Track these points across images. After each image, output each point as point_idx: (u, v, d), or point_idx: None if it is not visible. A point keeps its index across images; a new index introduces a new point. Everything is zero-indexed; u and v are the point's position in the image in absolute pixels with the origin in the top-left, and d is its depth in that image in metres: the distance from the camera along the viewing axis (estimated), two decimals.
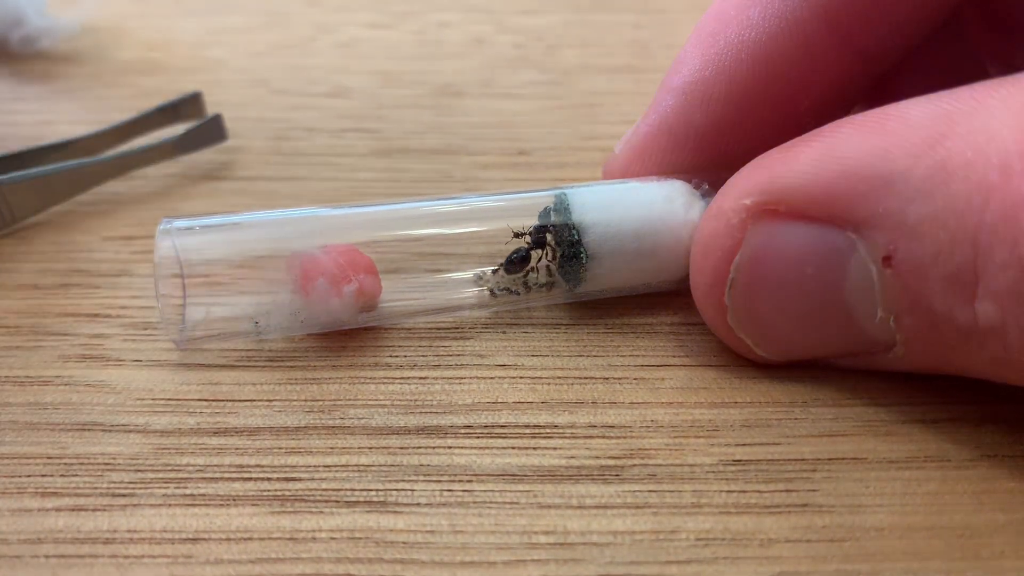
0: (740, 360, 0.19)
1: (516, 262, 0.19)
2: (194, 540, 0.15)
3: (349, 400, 0.18)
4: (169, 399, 0.18)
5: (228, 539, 0.15)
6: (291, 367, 0.19)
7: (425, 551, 0.15)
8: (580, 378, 0.18)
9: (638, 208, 0.19)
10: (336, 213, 0.20)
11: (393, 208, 0.20)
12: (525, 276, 0.20)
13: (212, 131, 0.26)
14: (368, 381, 0.18)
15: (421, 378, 0.18)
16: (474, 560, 0.15)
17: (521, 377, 0.18)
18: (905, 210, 0.15)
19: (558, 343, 0.19)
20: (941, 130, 0.15)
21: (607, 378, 0.18)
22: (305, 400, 0.18)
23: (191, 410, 0.18)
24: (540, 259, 0.19)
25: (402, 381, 0.18)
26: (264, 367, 0.19)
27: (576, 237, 0.19)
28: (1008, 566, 0.15)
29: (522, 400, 0.18)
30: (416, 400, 0.18)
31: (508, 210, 0.20)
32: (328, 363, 0.19)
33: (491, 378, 0.18)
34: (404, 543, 0.15)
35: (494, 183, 0.25)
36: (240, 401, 0.18)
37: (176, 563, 0.15)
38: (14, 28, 0.16)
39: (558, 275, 0.20)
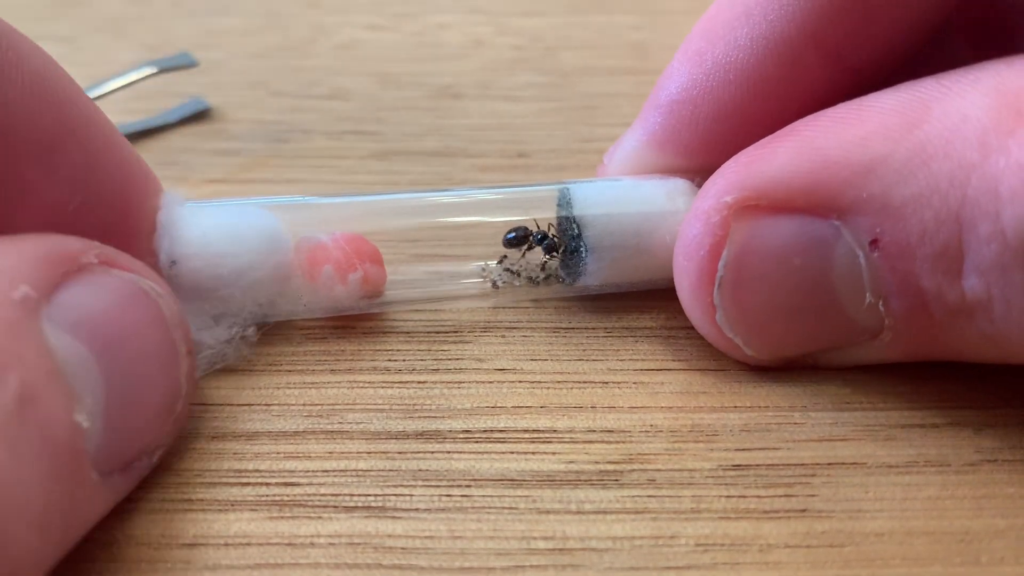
0: (739, 365, 0.19)
1: (514, 241, 0.20)
2: (192, 545, 0.15)
3: (347, 404, 0.18)
4: None
5: (226, 544, 0.15)
6: (289, 371, 0.18)
7: (424, 556, 0.15)
8: (579, 382, 0.18)
9: (640, 205, 0.19)
10: (344, 201, 0.20)
11: (398, 198, 0.20)
12: (523, 260, 0.20)
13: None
14: (367, 385, 0.18)
15: (420, 382, 0.18)
16: (473, 566, 0.15)
17: (520, 381, 0.18)
18: (889, 193, 0.15)
19: (557, 347, 0.19)
20: (916, 115, 0.15)
21: (606, 382, 0.18)
22: (303, 404, 0.18)
23: (189, 414, 0.17)
24: (541, 242, 0.20)
25: (401, 385, 0.18)
26: (262, 371, 0.18)
27: (577, 231, 0.19)
28: (1008, 571, 0.15)
29: (521, 404, 0.18)
30: (415, 404, 0.18)
31: (512, 202, 0.20)
32: (327, 367, 0.19)
33: (490, 382, 0.18)
34: (403, 548, 0.15)
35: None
36: (238, 405, 0.18)
37: (174, 569, 0.15)
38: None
39: (559, 268, 0.20)
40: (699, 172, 0.20)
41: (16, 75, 0.15)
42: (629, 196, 0.19)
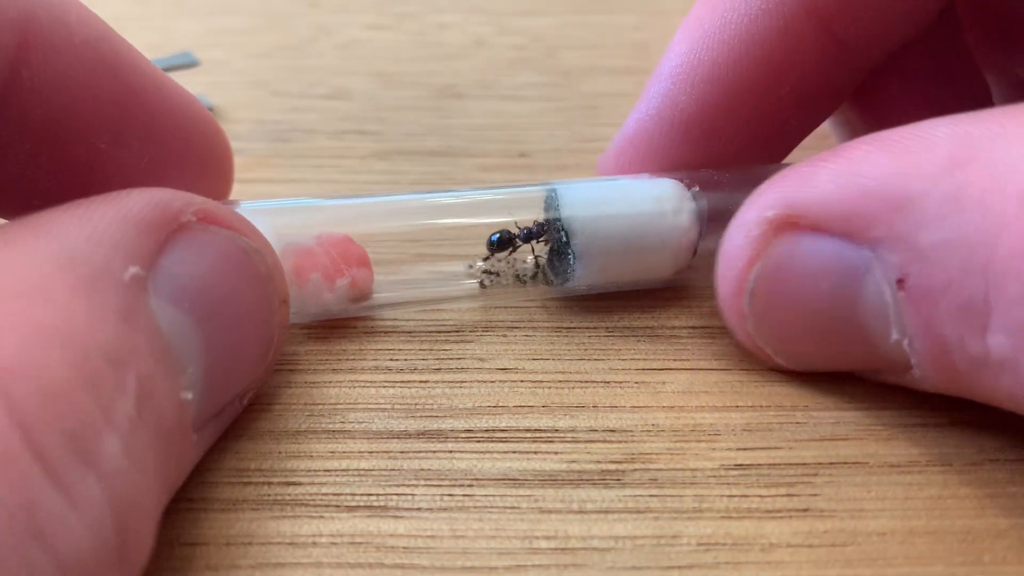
0: (742, 364, 0.19)
1: (497, 245, 0.19)
2: (193, 544, 0.15)
3: (349, 404, 0.18)
4: None
5: (228, 544, 0.15)
6: (291, 371, 0.18)
7: (426, 556, 0.15)
8: (581, 382, 0.18)
9: (627, 209, 0.19)
10: (331, 204, 0.20)
11: (385, 200, 0.20)
12: (510, 258, 0.20)
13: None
14: (368, 385, 0.18)
15: (422, 382, 0.18)
16: (475, 565, 0.15)
17: (522, 381, 0.18)
18: (917, 234, 0.15)
19: (559, 346, 0.19)
20: (962, 155, 0.14)
21: (608, 382, 0.18)
22: (305, 404, 0.18)
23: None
24: (528, 239, 0.20)
25: (403, 385, 0.18)
26: None
27: (564, 239, 0.19)
28: (1010, 571, 0.15)
29: (523, 404, 0.18)
30: (417, 404, 0.18)
31: (499, 204, 0.20)
32: (328, 367, 0.19)
33: (492, 382, 0.18)
34: (405, 548, 0.15)
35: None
36: None
37: (175, 568, 0.15)
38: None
39: (547, 268, 0.20)
40: (690, 166, 0.20)
41: (70, 47, 0.16)
42: (617, 199, 0.19)
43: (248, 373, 0.16)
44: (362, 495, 0.16)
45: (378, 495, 0.16)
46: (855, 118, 0.23)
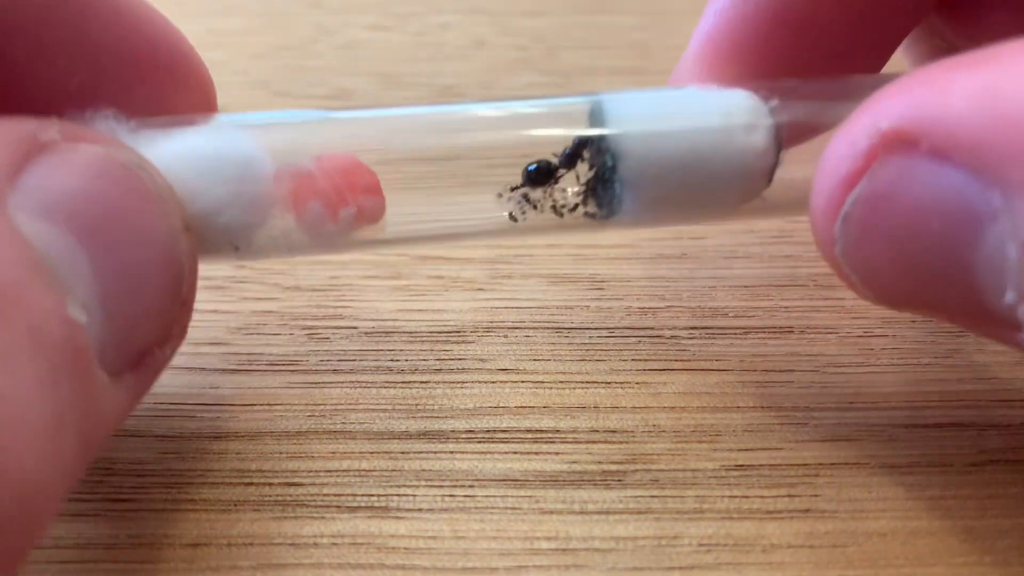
0: (743, 365, 0.19)
1: (536, 176, 0.16)
2: (195, 545, 0.15)
3: (350, 404, 0.18)
4: (170, 403, 0.18)
5: (229, 544, 0.15)
6: (292, 371, 0.18)
7: (427, 557, 0.15)
8: (582, 383, 0.18)
9: (689, 128, 0.16)
10: (335, 117, 0.17)
11: (401, 114, 0.17)
12: (551, 194, 0.17)
13: None
14: (369, 385, 0.18)
15: (423, 382, 0.18)
16: (476, 566, 0.15)
17: (523, 381, 0.18)
18: None
19: (560, 347, 0.19)
20: None
21: (609, 383, 0.18)
22: (306, 404, 0.18)
23: (191, 414, 0.17)
24: (570, 162, 0.16)
25: (403, 385, 0.18)
26: (265, 371, 0.18)
27: (611, 163, 0.16)
28: (1012, 572, 0.15)
29: (524, 404, 0.18)
30: (417, 404, 0.18)
31: (535, 118, 0.17)
32: (329, 367, 0.19)
33: (493, 382, 0.18)
34: (406, 549, 0.15)
35: None
36: (241, 405, 0.18)
37: (177, 569, 0.15)
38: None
39: (590, 199, 0.17)
40: (788, 63, 0.17)
41: None
42: (676, 113, 0.16)
43: (158, 307, 0.14)
44: (363, 496, 0.16)
45: (379, 496, 0.16)
46: (945, 29, 0.19)
